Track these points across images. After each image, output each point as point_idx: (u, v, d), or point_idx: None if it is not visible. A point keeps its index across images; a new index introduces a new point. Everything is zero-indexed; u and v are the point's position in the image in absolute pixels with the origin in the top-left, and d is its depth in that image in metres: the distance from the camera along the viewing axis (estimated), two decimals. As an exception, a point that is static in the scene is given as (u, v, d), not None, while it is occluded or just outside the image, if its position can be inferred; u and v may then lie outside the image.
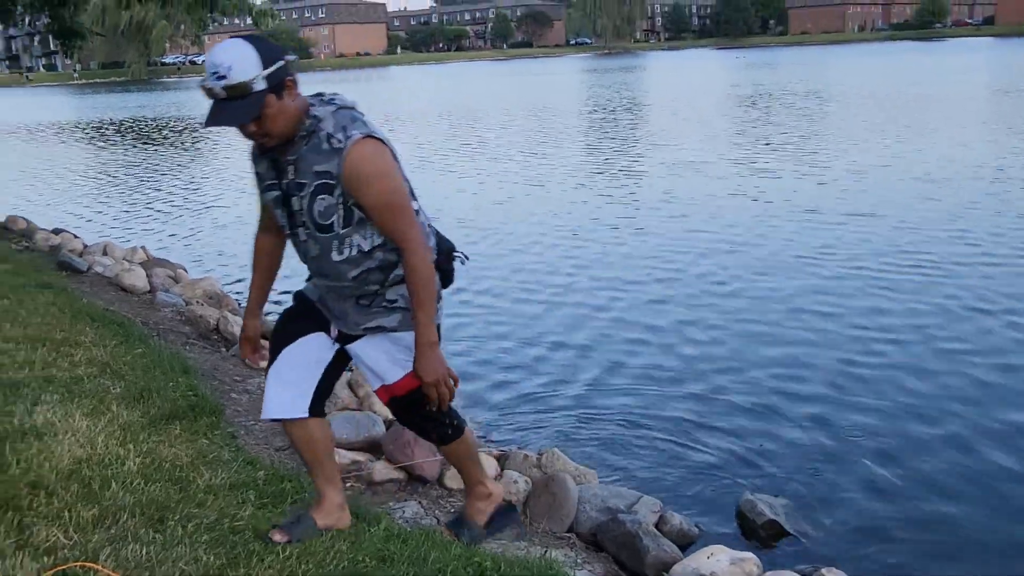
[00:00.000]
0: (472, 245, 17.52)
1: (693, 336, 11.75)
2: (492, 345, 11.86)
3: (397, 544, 5.21)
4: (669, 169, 25.89)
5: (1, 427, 6.32)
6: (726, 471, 8.20)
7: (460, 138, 38.58)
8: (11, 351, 8.14)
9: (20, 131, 54.95)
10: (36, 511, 5.15)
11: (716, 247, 16.38)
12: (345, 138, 4.59)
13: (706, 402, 9.73)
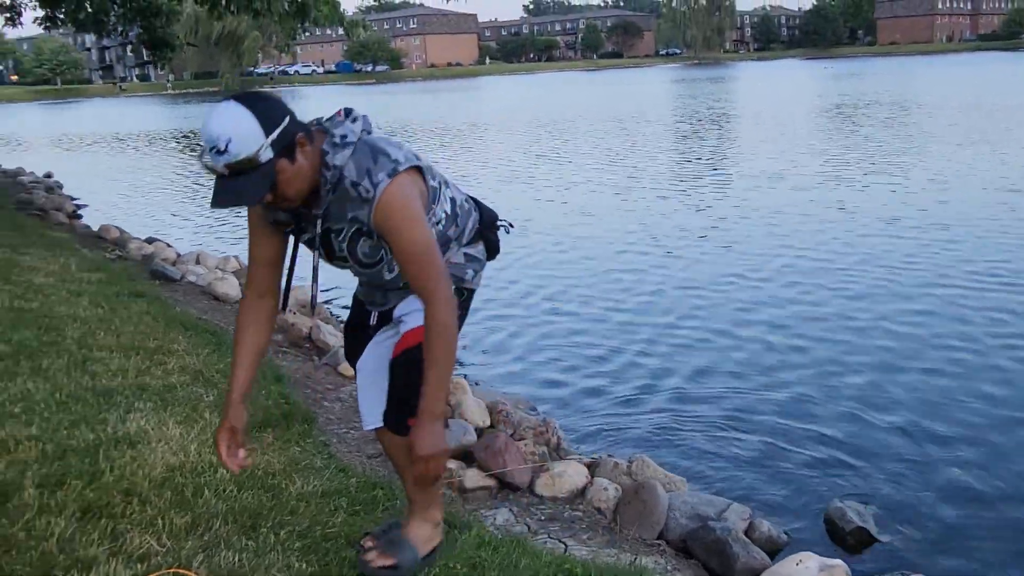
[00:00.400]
0: (560, 253, 17.68)
1: (778, 344, 11.73)
2: (579, 352, 11.85)
3: (488, 551, 5.23)
4: (754, 180, 25.70)
5: (95, 435, 6.40)
6: (814, 478, 8.19)
7: (548, 147, 38.57)
8: (105, 359, 8.23)
9: (113, 141, 55.52)
10: (129, 518, 5.20)
11: (800, 257, 16.34)
12: (372, 186, 4.30)
13: (793, 409, 9.72)
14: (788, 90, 75.49)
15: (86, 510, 5.23)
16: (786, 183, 24.81)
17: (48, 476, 5.63)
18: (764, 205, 21.72)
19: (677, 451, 8.82)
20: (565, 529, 6.56)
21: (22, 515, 5.09)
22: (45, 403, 6.95)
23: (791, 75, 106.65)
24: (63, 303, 10.34)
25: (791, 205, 21.56)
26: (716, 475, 8.30)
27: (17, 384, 7.31)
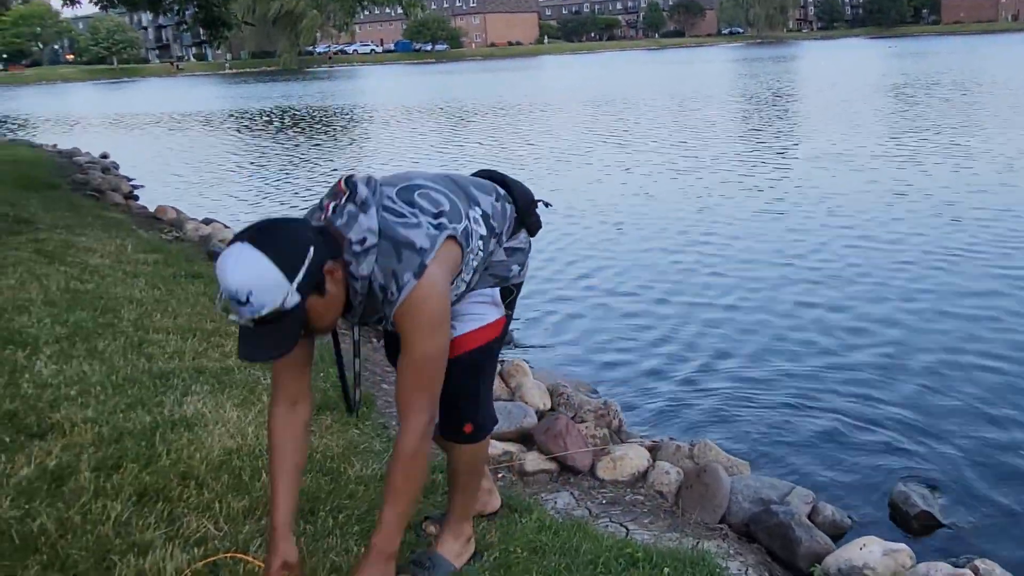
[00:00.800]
0: (619, 234, 17.75)
1: (840, 326, 11.69)
2: (639, 333, 11.87)
3: (548, 535, 5.24)
4: (816, 161, 25.49)
5: (151, 417, 6.44)
6: (878, 461, 8.16)
7: (607, 128, 38.46)
8: (161, 341, 8.28)
9: (170, 121, 55.80)
10: (186, 502, 5.23)
11: (861, 238, 16.24)
12: (398, 289, 4.08)
13: (856, 391, 9.68)
14: (852, 70, 74.80)
15: (142, 494, 5.26)
16: (848, 164, 24.58)
17: (104, 459, 5.67)
18: (825, 186, 21.62)
19: (739, 434, 8.81)
20: (626, 513, 6.55)
21: (78, 498, 5.11)
22: (101, 385, 6.99)
23: (855, 55, 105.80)
24: (119, 284, 10.40)
25: (853, 186, 21.43)
26: (779, 458, 8.29)
27: (73, 366, 7.35)
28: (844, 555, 5.95)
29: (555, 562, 4.93)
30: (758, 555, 6.22)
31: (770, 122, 37.58)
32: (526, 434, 7.53)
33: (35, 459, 5.59)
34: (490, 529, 5.26)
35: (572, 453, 7.14)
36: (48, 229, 13.33)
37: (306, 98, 75.31)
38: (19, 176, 21.92)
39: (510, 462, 7.07)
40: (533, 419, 7.74)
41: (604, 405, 8.22)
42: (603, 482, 7.02)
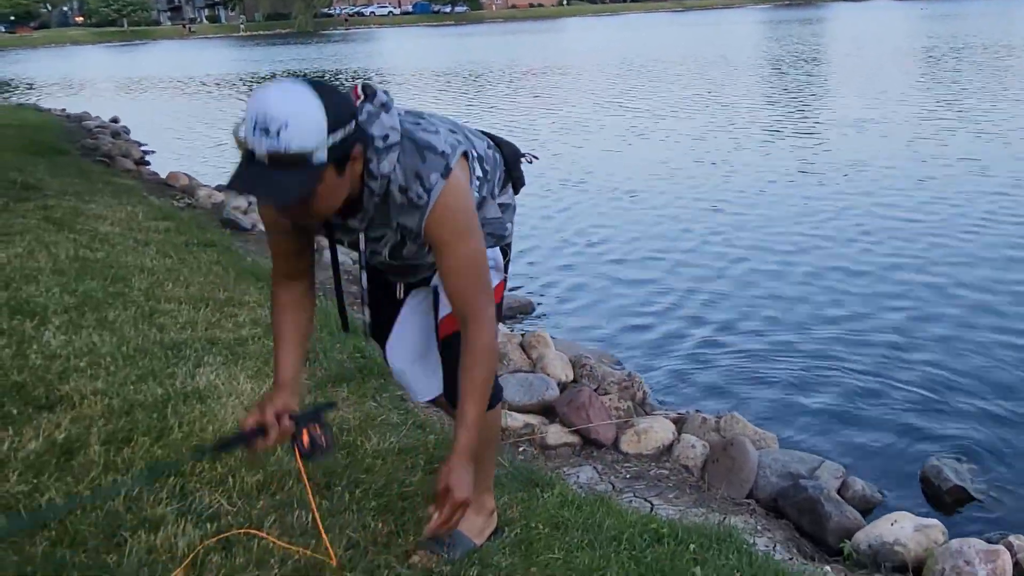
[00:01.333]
0: (640, 202, 17.76)
1: (869, 297, 11.69)
2: (663, 304, 11.88)
3: (571, 510, 5.24)
4: (840, 127, 25.33)
5: (163, 389, 6.44)
6: (909, 435, 8.16)
7: (627, 93, 38.37)
8: (173, 311, 8.27)
9: (182, 85, 55.83)
10: (198, 476, 5.22)
11: (887, 207, 16.21)
12: (425, 191, 3.94)
13: (887, 364, 9.67)
14: (882, 32, 74.46)
15: (154, 468, 5.25)
16: (872, 130, 24.42)
17: (114, 432, 5.67)
18: (849, 152, 21.50)
19: (767, 406, 8.82)
20: (651, 487, 6.56)
21: (87, 473, 5.12)
22: (111, 356, 6.98)
23: (886, 16, 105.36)
24: (130, 253, 10.40)
25: (879, 153, 21.25)
26: (808, 431, 8.30)
27: (82, 337, 7.35)
28: (875, 531, 5.99)
29: (578, 538, 4.93)
30: (786, 531, 6.25)
31: (795, 87, 37.33)
32: (548, 407, 7.54)
33: (43, 432, 5.59)
34: (511, 504, 5.25)
35: (595, 426, 7.14)
36: (56, 196, 13.34)
37: (321, 61, 75.25)
38: (26, 141, 21.94)
39: (532, 435, 7.07)
40: (555, 391, 7.74)
41: (628, 377, 8.21)
42: (627, 456, 7.03)
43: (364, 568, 4.46)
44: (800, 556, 5.86)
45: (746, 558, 5.04)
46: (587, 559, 4.74)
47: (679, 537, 5.07)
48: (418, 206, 3.95)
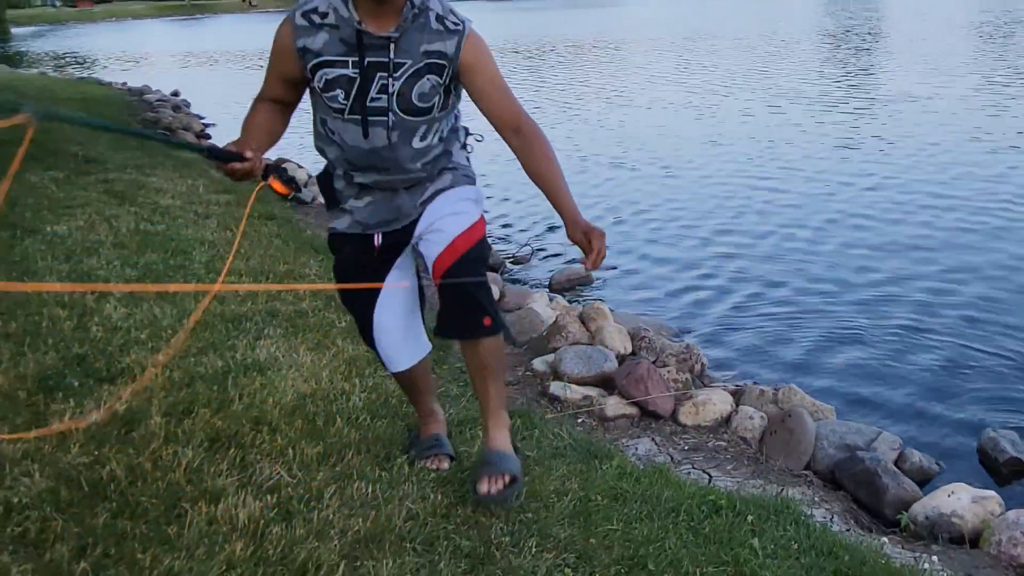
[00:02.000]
0: (696, 179, 17.74)
1: (925, 273, 11.69)
2: (721, 277, 11.94)
3: (630, 482, 5.25)
4: (892, 102, 25.23)
5: (223, 361, 6.47)
6: (966, 406, 8.19)
7: (681, 67, 38.29)
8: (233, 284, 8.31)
9: (242, 58, 55.93)
10: (259, 448, 5.25)
11: (946, 186, 16.07)
12: (460, 21, 4.52)
13: (944, 337, 9.72)
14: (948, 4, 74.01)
15: (214, 439, 5.29)
16: (925, 107, 24.19)
17: (175, 404, 5.70)
18: (902, 127, 21.41)
19: (824, 378, 8.86)
20: (709, 459, 6.57)
21: (148, 445, 5.14)
22: (172, 329, 7.03)
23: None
24: (190, 226, 10.46)
25: (934, 132, 21.01)
26: (865, 403, 8.34)
27: (143, 309, 7.39)
28: (932, 502, 6.03)
29: (636, 509, 4.94)
30: (844, 502, 6.27)
31: (846, 62, 37.09)
32: (607, 378, 7.57)
33: (104, 404, 5.62)
34: (570, 476, 5.26)
35: (654, 398, 7.15)
36: (117, 169, 13.41)
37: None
38: (89, 115, 22.05)
39: (590, 407, 7.09)
40: (614, 363, 7.76)
41: (686, 349, 8.22)
42: (685, 427, 7.05)
43: (423, 538, 4.48)
44: (857, 527, 5.86)
45: (803, 529, 5.05)
46: (645, 530, 4.75)
47: (737, 508, 5.08)
48: (454, 32, 4.50)
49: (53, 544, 4.23)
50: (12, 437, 4.98)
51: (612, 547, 4.62)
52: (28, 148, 5.72)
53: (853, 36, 48.88)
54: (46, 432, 5.02)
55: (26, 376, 5.98)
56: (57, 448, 5.08)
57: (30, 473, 4.78)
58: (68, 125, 17.24)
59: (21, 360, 6.23)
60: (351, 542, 4.42)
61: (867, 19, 62.81)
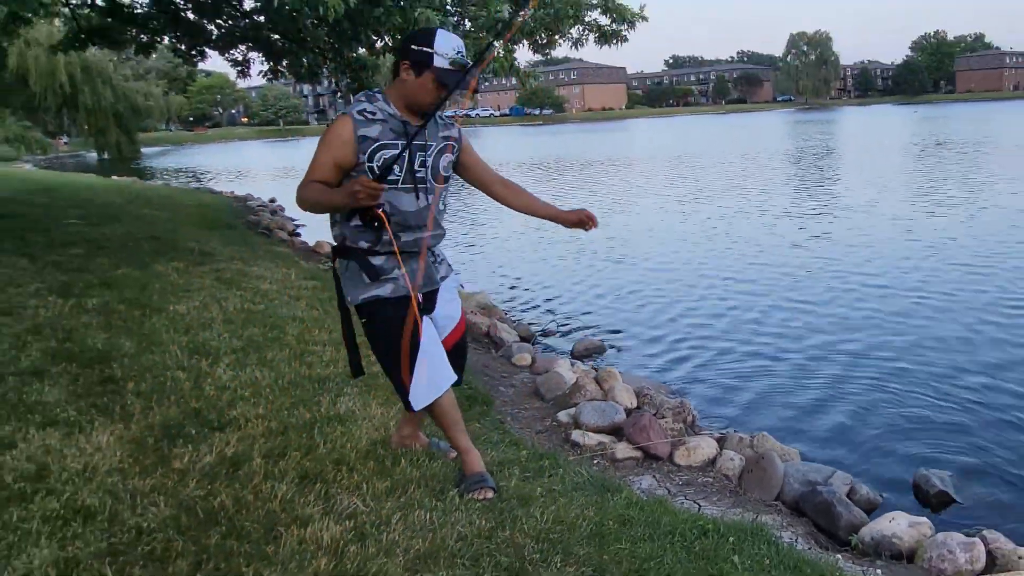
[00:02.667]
0: (692, 261, 17.75)
1: (873, 342, 11.83)
2: (708, 345, 12.03)
3: (636, 510, 5.30)
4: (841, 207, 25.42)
5: (311, 414, 6.53)
6: (905, 449, 8.37)
7: (673, 179, 38.30)
8: (319, 352, 8.35)
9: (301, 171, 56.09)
10: (339, 483, 5.32)
11: (894, 267, 16.54)
12: (449, 118, 5.44)
13: (887, 390, 9.95)
14: (885, 131, 74.36)
15: (304, 476, 5.36)
16: (887, 210, 24.26)
17: (272, 448, 5.78)
18: (850, 227, 21.53)
19: (791, 426, 9.03)
20: (699, 492, 6.60)
21: (251, 480, 5.21)
22: (270, 388, 7.09)
23: (886, 118, 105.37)
24: (285, 306, 10.50)
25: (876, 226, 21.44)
26: (823, 447, 8.50)
27: (247, 372, 7.45)
28: (876, 527, 6.14)
29: (640, 532, 4.99)
30: (806, 527, 6.32)
31: (806, 175, 37.12)
32: (617, 428, 7.62)
33: (216, 448, 5.70)
34: (588, 506, 5.30)
35: (654, 443, 7.20)
36: (226, 260, 13.49)
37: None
38: (203, 217, 22.24)
39: (604, 451, 7.12)
40: (623, 416, 7.81)
41: (680, 404, 8.24)
42: (679, 467, 7.09)
43: (471, 555, 4.53)
44: (817, 547, 5.89)
45: (774, 548, 5.08)
46: (648, 549, 4.79)
47: (721, 532, 5.12)
48: (452, 125, 5.37)
49: (175, 560, 4.29)
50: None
51: (622, 562, 4.65)
52: (154, 244, 5.74)
53: (809, 155, 49.04)
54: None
55: (153, 426, 6.07)
56: (178, 483, 5.14)
57: (156, 503, 4.86)
58: (193, 226, 17.39)
59: (149, 413, 6.31)
60: (412, 558, 4.46)
61: (824, 141, 63.07)
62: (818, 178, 35.04)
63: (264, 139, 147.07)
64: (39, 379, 6.84)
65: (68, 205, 20.91)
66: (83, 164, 74.67)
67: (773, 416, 9.31)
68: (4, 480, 5.03)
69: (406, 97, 5.04)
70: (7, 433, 5.71)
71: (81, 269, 11.21)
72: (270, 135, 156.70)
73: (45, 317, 8.69)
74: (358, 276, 5.18)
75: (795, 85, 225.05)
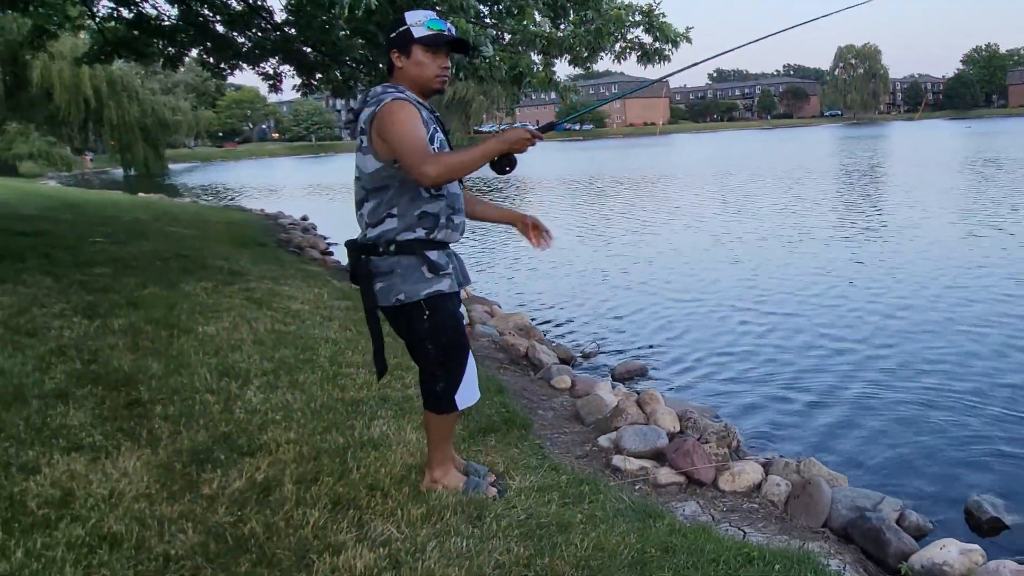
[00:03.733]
0: (738, 281, 17.77)
1: (924, 358, 11.87)
2: (754, 365, 12.05)
3: (678, 537, 5.28)
4: (890, 225, 25.50)
5: (344, 438, 6.54)
6: (956, 473, 8.33)
7: (716, 196, 38.43)
8: (352, 375, 8.37)
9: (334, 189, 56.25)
10: (373, 509, 5.32)
11: (950, 286, 16.50)
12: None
13: (939, 413, 9.87)
14: (934, 145, 74.21)
15: (336, 502, 5.37)
16: (936, 229, 24.26)
17: (304, 474, 5.79)
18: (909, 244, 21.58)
19: (839, 450, 8.98)
20: (744, 519, 6.58)
21: (282, 506, 5.23)
22: (302, 412, 7.12)
23: (936, 133, 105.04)
24: (317, 326, 10.53)
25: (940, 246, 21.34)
26: (872, 471, 8.44)
27: (278, 395, 7.49)
28: (927, 554, 6.10)
29: (684, 560, 4.96)
30: (854, 554, 6.31)
31: (854, 192, 37.21)
32: (659, 452, 7.59)
33: (246, 474, 5.73)
34: (629, 532, 5.29)
35: (698, 468, 7.18)
36: (257, 280, 13.53)
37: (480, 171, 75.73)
38: (232, 236, 22.32)
39: (646, 476, 7.11)
40: (665, 440, 7.79)
41: (725, 428, 8.21)
42: (724, 493, 7.07)
43: (508, 584, 4.53)
44: (866, 575, 5.87)
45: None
46: (692, 578, 4.78)
47: (767, 559, 5.09)
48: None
49: (205, 589, 4.30)
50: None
51: (664, 592, 4.64)
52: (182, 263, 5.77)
53: (858, 172, 48.85)
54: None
55: (181, 451, 6.09)
56: (207, 509, 5.16)
57: (184, 530, 4.88)
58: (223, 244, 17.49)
59: (177, 438, 6.34)
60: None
61: (872, 157, 62.88)
62: (867, 196, 34.95)
63: (295, 155, 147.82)
64: (64, 402, 6.87)
65: (94, 223, 21.02)
66: (109, 181, 75.10)
67: (820, 440, 9.27)
68: (28, 506, 5.06)
69: (412, 84, 5.28)
70: (31, 458, 5.74)
71: (107, 289, 11.26)
72: (301, 151, 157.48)
73: (70, 338, 8.74)
74: (417, 271, 5.25)
75: (843, 99, 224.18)
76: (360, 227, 5.45)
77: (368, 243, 5.32)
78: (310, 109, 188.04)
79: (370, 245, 5.31)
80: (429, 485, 5.65)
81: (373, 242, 5.29)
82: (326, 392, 7.74)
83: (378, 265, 5.29)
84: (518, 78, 13.40)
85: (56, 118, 67.83)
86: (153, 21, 17.83)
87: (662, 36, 13.66)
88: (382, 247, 5.27)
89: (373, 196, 5.29)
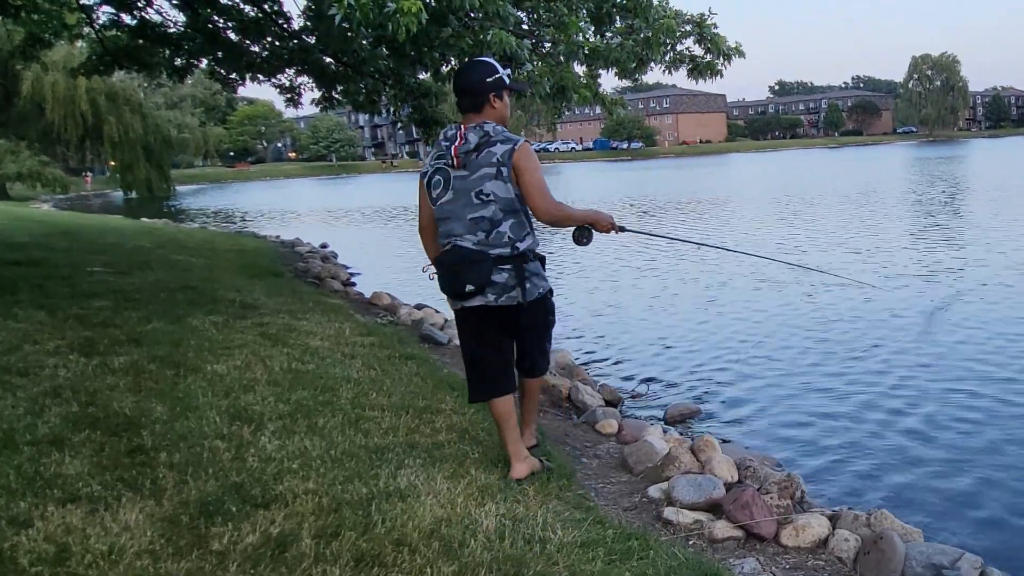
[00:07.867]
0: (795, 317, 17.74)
1: (1006, 407, 11.69)
2: (817, 410, 11.99)
3: (737, 598, 5.25)
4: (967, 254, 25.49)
5: (368, 489, 6.55)
6: None
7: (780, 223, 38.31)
8: (377, 418, 8.39)
9: (384, 214, 56.50)
10: (400, 567, 5.32)
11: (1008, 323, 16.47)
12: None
13: (1018, 463, 9.76)
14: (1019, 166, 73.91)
15: (359, 559, 5.37)
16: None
17: (324, 527, 5.80)
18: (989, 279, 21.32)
19: (912, 502, 8.95)
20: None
21: (300, 564, 5.24)
22: (321, 459, 7.13)
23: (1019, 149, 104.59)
24: (337, 365, 10.57)
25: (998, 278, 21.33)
26: (949, 525, 8.39)
27: (295, 441, 7.51)
28: None
29: (743, 624, 4.94)
30: (930, 617, 6.22)
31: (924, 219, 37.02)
32: (715, 504, 7.56)
33: (259, 527, 5.74)
34: (683, 594, 5.28)
35: (758, 522, 7.15)
36: (272, 314, 13.59)
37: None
38: (245, 265, 22.41)
39: (700, 530, 7.09)
40: (722, 491, 7.75)
41: (787, 478, 8.19)
42: (786, 548, 7.04)
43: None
44: (946, 639, 5.86)
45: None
46: (752, 644, 4.77)
47: (839, 624, 5.08)
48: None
49: (215, 653, 4.32)
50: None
51: (721, 658, 4.63)
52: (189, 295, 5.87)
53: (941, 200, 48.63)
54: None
55: (188, 502, 6.11)
56: (217, 566, 5.18)
57: (194, 590, 4.88)
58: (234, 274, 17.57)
59: (184, 488, 6.36)
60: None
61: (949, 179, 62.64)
62: (946, 224, 34.72)
63: (314, 176, 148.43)
64: (58, 448, 6.91)
65: (92, 251, 21.15)
66: (108, 204, 75.51)
67: (892, 491, 9.23)
68: (19, 563, 5.09)
69: (499, 121, 6.86)
70: (23, 510, 5.77)
71: (106, 323, 11.34)
72: (321, 172, 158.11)
73: (65, 378, 8.80)
74: (543, 271, 7.11)
75: (917, 115, 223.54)
76: (482, 240, 6.81)
77: (519, 253, 6.84)
78: (330, 125, 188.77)
79: (520, 255, 6.85)
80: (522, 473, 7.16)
81: (523, 252, 6.86)
82: (348, 438, 7.76)
83: (529, 269, 6.92)
84: (562, 92, 13.44)
85: (50, 135, 68.13)
86: (158, 28, 17.92)
87: (714, 48, 13.65)
88: (531, 255, 6.94)
89: (510, 216, 6.76)
